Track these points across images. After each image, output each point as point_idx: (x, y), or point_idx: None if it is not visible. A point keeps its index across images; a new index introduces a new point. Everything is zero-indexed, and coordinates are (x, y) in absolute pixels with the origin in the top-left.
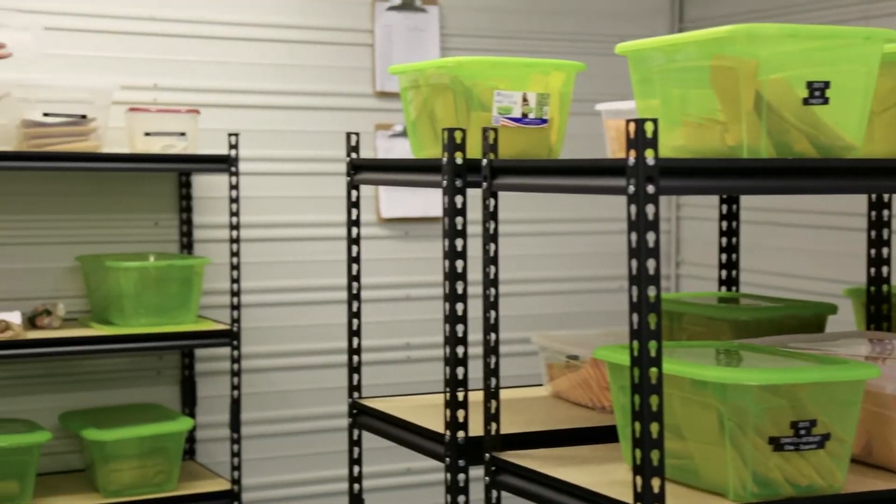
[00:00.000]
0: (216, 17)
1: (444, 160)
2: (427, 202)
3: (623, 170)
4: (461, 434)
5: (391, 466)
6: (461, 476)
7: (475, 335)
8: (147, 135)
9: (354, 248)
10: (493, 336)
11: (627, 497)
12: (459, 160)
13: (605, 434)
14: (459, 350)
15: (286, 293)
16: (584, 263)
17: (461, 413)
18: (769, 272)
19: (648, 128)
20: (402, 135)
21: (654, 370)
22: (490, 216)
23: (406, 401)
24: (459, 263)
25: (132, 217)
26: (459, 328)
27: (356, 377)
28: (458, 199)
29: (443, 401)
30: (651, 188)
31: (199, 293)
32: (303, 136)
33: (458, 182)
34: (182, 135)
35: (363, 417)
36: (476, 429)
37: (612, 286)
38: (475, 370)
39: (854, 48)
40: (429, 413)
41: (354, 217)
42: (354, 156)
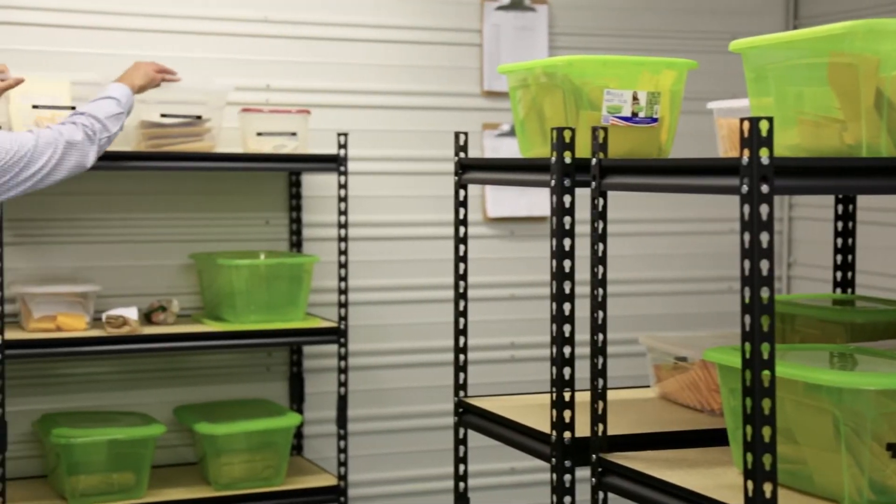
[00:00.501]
0: (327, 19)
1: (553, 159)
2: (533, 202)
3: (736, 169)
4: (567, 434)
5: (495, 465)
6: (567, 477)
7: (581, 335)
8: (259, 135)
9: (461, 248)
10: (601, 336)
11: (738, 501)
12: (568, 159)
13: (714, 437)
14: (566, 350)
15: (393, 291)
16: (693, 264)
17: (567, 413)
18: (885, 274)
19: (763, 126)
20: (509, 134)
21: (767, 373)
22: (598, 216)
23: (511, 400)
24: (567, 263)
25: (244, 216)
26: (566, 328)
27: (462, 376)
28: (567, 199)
29: (549, 401)
30: (765, 188)
31: (308, 291)
32: (411, 136)
33: (567, 181)
34: (293, 135)
35: (469, 416)
36: (582, 429)
37: (721, 287)
38: (581, 370)
39: None
40: (534, 413)
41: (462, 216)
42: (463, 155)
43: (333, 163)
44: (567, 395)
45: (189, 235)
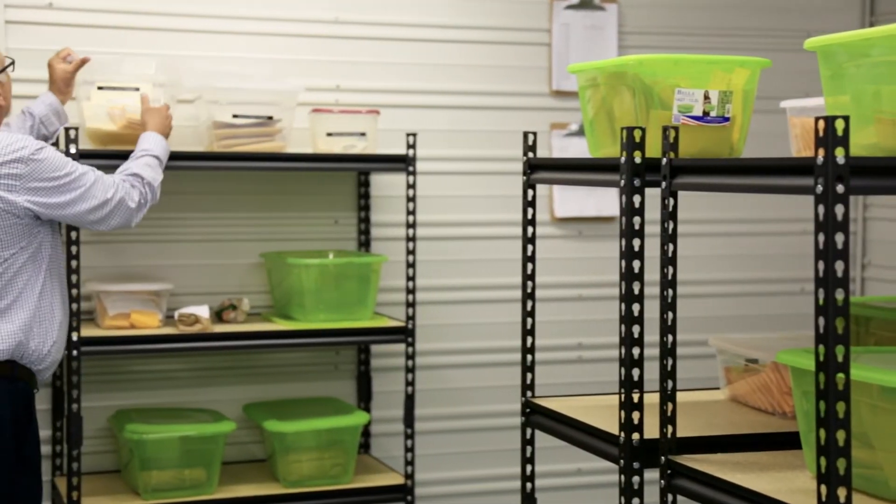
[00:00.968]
0: (397, 19)
1: (623, 159)
2: (600, 202)
3: (811, 169)
4: (636, 436)
5: (561, 466)
6: (635, 479)
7: (649, 336)
8: (329, 135)
9: (529, 248)
10: (670, 338)
11: None
12: (638, 159)
13: (786, 440)
14: (635, 351)
15: (460, 291)
16: (765, 265)
17: (636, 415)
18: None
19: (839, 125)
20: (578, 134)
21: (842, 376)
22: (669, 216)
23: (579, 401)
24: (636, 264)
25: (313, 215)
26: (635, 329)
27: (529, 376)
28: (636, 199)
29: (617, 402)
30: (841, 188)
31: (376, 290)
32: (479, 136)
33: (637, 181)
34: (362, 135)
35: (536, 416)
36: (651, 431)
37: (793, 289)
38: (649, 372)
39: None
40: (602, 414)
41: (530, 216)
42: (531, 155)
43: (402, 163)
44: (636, 397)
45: (259, 235)
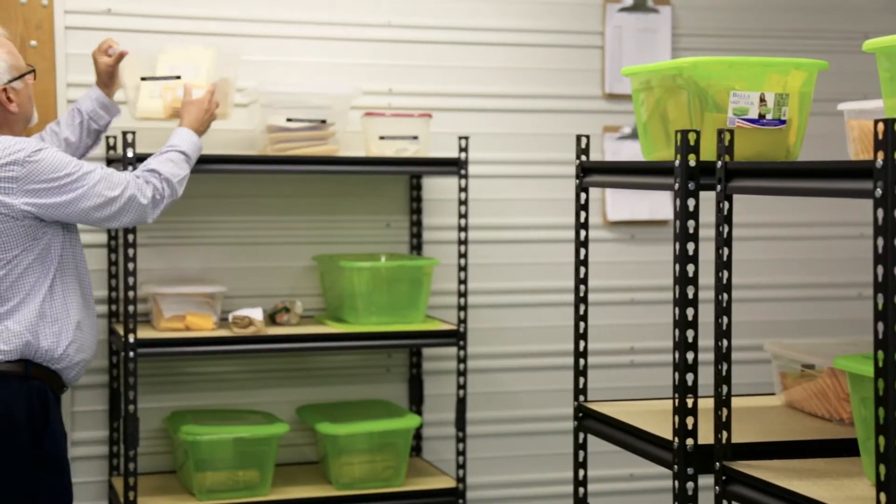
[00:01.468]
0: (449, 23)
1: (677, 162)
2: (653, 205)
3: (870, 172)
4: (690, 441)
5: (613, 471)
6: (689, 484)
7: (703, 341)
8: (381, 138)
9: (582, 251)
10: (725, 342)
11: None
12: (693, 162)
13: (843, 447)
14: (689, 356)
15: (512, 294)
16: (822, 269)
17: (690, 420)
18: None
19: None
20: (631, 137)
21: None
22: (724, 219)
23: (631, 405)
24: (690, 267)
25: (365, 218)
26: (690, 333)
27: (582, 380)
28: (691, 202)
29: (670, 406)
30: None
31: (428, 293)
32: (531, 139)
33: (691, 185)
34: (414, 138)
35: (588, 421)
36: (705, 437)
37: (850, 293)
38: (703, 377)
39: None
40: (655, 419)
41: (583, 220)
42: (584, 158)
43: (454, 166)
44: (690, 402)
45: (312, 238)
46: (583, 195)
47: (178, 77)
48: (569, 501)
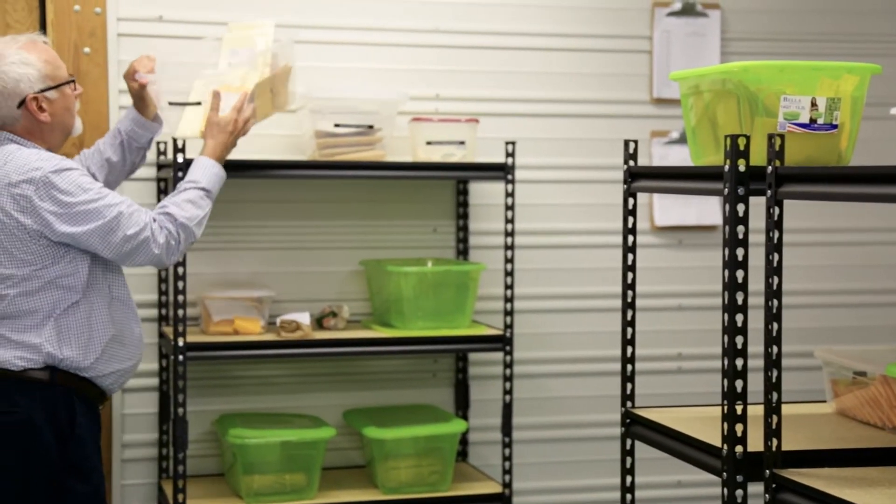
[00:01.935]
0: (496, 28)
1: (727, 167)
2: (702, 210)
3: None
4: (739, 449)
5: (661, 478)
6: (738, 492)
7: (752, 347)
8: (428, 144)
9: (630, 257)
10: (775, 349)
11: None
12: (742, 167)
13: None
14: (738, 362)
15: (559, 300)
16: (873, 275)
17: (739, 427)
18: None
19: None
20: (678, 142)
21: None
22: (774, 225)
23: (679, 412)
24: (740, 273)
25: (412, 223)
26: (739, 339)
27: (629, 386)
28: (740, 208)
29: (719, 413)
30: None
31: (474, 298)
32: (578, 144)
33: (741, 190)
34: (461, 143)
35: (636, 427)
36: (755, 444)
37: None
38: (751, 384)
39: None
40: (704, 425)
41: (631, 225)
42: (632, 163)
43: (501, 171)
44: (739, 408)
45: (359, 242)
46: (631, 200)
47: (199, 104)
48: None
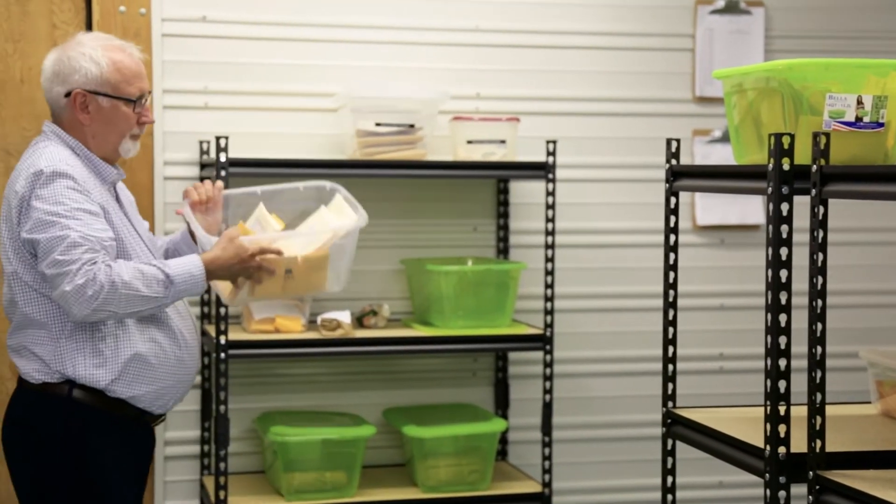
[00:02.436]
0: (537, 27)
1: (771, 166)
2: (744, 210)
3: None
4: (782, 449)
5: (701, 479)
6: (781, 493)
7: (795, 347)
8: (469, 143)
9: (671, 256)
10: (819, 349)
11: None
12: (786, 166)
13: None
14: (782, 362)
15: (599, 299)
16: None
17: (783, 428)
18: None
19: None
20: (721, 140)
21: None
22: (819, 224)
23: (721, 412)
24: (784, 273)
25: (453, 222)
26: (782, 340)
27: (671, 386)
28: (784, 207)
29: (761, 414)
30: None
31: (515, 297)
32: (619, 143)
33: (785, 189)
34: (502, 142)
35: (677, 427)
36: (798, 445)
37: None
38: (794, 384)
39: None
40: (746, 426)
41: (673, 224)
42: (674, 162)
43: (542, 170)
44: (782, 409)
45: (400, 241)
46: (673, 199)
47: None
48: None
